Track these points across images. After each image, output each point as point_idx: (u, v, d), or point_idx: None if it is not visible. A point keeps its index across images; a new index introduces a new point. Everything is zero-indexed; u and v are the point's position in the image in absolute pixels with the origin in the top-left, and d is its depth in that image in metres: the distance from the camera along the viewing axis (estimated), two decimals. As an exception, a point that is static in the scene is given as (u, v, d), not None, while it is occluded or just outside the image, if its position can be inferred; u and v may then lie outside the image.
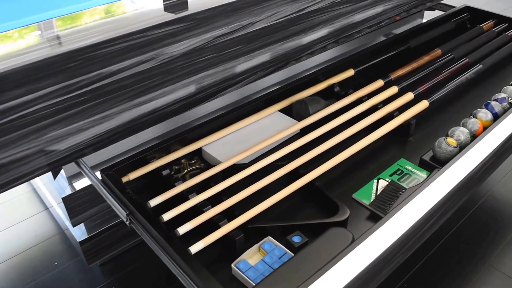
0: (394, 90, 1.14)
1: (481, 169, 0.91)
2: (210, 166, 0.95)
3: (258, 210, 0.80)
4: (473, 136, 0.98)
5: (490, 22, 1.50)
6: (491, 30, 1.45)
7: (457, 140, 0.95)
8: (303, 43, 1.14)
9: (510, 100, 1.09)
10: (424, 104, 1.08)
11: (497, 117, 1.04)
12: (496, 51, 1.33)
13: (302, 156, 0.92)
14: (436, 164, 0.93)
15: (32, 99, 0.73)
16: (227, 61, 0.98)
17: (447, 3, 1.68)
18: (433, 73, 1.22)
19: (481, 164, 0.90)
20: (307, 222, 0.81)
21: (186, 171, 0.95)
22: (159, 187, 0.88)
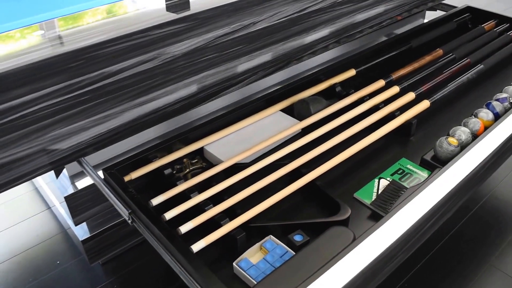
0: (396, 90, 1.15)
1: (482, 168, 0.91)
2: (211, 165, 0.96)
3: (259, 209, 0.80)
4: (474, 136, 0.98)
5: (492, 22, 1.50)
6: (493, 30, 1.45)
7: (458, 140, 0.95)
8: (305, 43, 1.14)
9: (511, 100, 1.09)
10: (425, 104, 1.08)
11: (498, 117, 1.05)
12: (497, 51, 1.33)
13: (303, 155, 0.92)
14: (437, 164, 0.93)
15: (34, 99, 0.73)
16: (229, 60, 0.98)
17: (448, 3, 1.68)
18: (434, 73, 1.22)
19: (482, 164, 0.90)
20: (309, 221, 0.81)
21: (188, 170, 0.95)
22: (161, 186, 0.88)
